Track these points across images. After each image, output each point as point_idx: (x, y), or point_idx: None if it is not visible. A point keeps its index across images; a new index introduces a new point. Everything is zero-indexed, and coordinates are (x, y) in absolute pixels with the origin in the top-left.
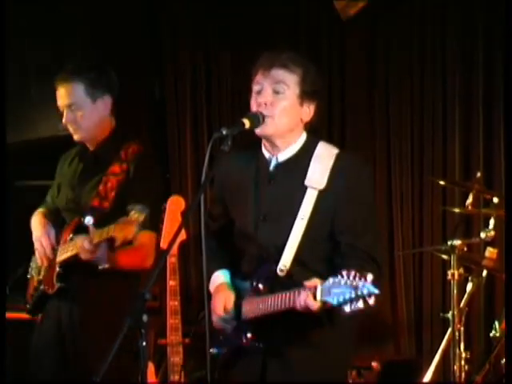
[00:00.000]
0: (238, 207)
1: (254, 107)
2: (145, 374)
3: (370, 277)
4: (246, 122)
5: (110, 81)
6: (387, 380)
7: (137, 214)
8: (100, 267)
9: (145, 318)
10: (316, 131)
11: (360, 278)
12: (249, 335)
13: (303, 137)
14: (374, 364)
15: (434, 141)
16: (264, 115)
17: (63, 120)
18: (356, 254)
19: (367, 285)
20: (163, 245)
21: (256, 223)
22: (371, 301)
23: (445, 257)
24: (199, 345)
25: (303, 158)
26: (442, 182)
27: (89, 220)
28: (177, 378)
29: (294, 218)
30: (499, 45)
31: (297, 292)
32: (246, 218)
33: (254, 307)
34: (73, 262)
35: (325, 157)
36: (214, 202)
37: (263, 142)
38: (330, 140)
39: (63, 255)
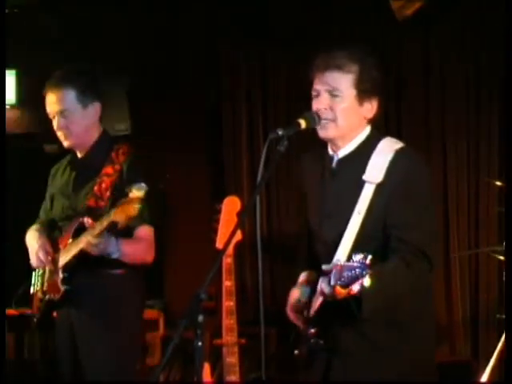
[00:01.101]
0: (310, 208)
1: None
2: (200, 374)
3: (369, 257)
4: (302, 123)
5: (99, 87)
6: (443, 381)
7: (136, 192)
8: (113, 256)
9: (201, 318)
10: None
11: (361, 260)
12: (312, 330)
13: (365, 132)
14: None
15: (490, 141)
16: (322, 117)
17: (54, 126)
18: (405, 247)
19: (363, 265)
20: (219, 245)
21: (321, 221)
22: (365, 281)
23: (501, 258)
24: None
25: (364, 152)
26: (498, 183)
27: (87, 220)
28: (233, 378)
29: (352, 213)
30: None
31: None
32: (314, 218)
33: (315, 304)
34: (75, 265)
35: (385, 151)
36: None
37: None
38: None
39: (66, 258)
